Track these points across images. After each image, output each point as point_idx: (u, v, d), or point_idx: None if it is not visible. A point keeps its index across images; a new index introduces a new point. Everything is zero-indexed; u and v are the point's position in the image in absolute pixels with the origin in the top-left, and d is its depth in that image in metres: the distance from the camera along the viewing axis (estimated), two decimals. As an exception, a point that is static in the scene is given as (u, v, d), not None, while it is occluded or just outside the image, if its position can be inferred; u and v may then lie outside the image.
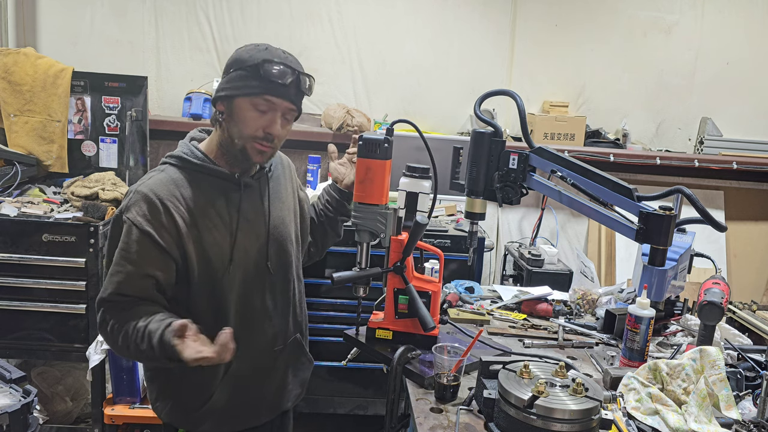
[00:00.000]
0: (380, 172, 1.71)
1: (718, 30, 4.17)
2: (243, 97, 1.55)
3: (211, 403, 1.67)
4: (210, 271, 1.59)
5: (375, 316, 1.90)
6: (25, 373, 1.99)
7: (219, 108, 1.60)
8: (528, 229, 4.06)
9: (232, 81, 1.56)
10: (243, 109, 1.56)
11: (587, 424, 1.35)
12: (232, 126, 1.58)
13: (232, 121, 1.58)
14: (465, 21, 4.04)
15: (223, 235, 1.61)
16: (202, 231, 1.58)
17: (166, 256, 1.55)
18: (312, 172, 3.80)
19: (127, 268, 1.53)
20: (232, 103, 1.57)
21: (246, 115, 1.56)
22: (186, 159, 1.62)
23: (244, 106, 1.56)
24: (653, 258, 1.66)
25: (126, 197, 1.58)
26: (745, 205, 4.29)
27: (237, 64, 1.56)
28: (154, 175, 1.60)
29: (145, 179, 1.60)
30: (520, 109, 1.87)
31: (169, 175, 1.59)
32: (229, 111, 1.58)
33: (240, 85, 1.55)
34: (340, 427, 3.53)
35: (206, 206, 1.59)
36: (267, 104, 1.56)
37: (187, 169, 1.61)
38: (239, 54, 1.58)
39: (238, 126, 1.57)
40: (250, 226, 1.66)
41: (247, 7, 3.90)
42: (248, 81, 1.54)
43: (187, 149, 1.64)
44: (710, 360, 1.55)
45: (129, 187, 1.63)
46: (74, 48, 3.82)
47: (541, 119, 3.97)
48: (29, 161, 3.24)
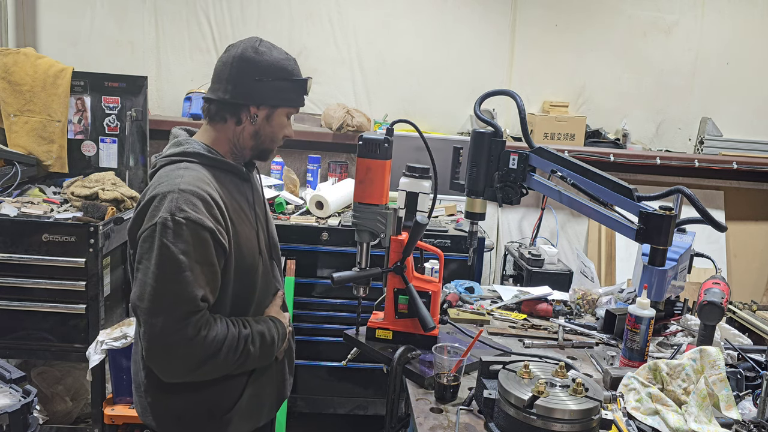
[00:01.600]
0: (380, 172, 1.71)
1: (718, 30, 4.18)
2: (286, 108, 1.65)
3: (239, 404, 1.63)
4: (245, 266, 1.60)
5: (375, 316, 1.90)
6: (25, 373, 1.99)
7: (254, 111, 1.60)
8: (528, 229, 4.06)
9: (278, 90, 1.61)
10: (281, 117, 1.65)
11: (587, 424, 1.35)
12: (267, 130, 1.64)
13: (268, 126, 1.63)
14: (465, 21, 4.04)
15: (249, 229, 1.63)
16: (237, 225, 1.58)
17: (221, 253, 1.51)
18: (312, 172, 3.80)
19: (202, 269, 1.45)
20: (274, 110, 1.63)
21: (282, 122, 1.65)
22: (207, 156, 1.58)
23: (283, 115, 1.65)
24: (653, 258, 1.66)
25: (162, 200, 1.44)
26: (745, 205, 4.29)
27: (278, 72, 1.60)
28: (183, 173, 1.51)
29: (173, 179, 1.49)
30: (520, 109, 1.87)
31: (200, 172, 1.54)
32: (268, 117, 1.62)
33: (287, 97, 1.63)
34: (340, 427, 3.53)
35: (232, 201, 1.59)
36: (295, 112, 1.69)
37: (208, 165, 1.58)
38: (276, 60, 1.60)
39: (275, 131, 1.65)
40: (258, 220, 1.69)
41: (247, 7, 3.90)
42: (293, 93, 1.64)
43: (200, 146, 1.59)
44: (710, 360, 1.55)
45: (154, 191, 1.47)
46: (74, 48, 3.82)
47: (541, 119, 3.97)
48: (29, 161, 3.24)
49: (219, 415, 1.61)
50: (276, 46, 1.64)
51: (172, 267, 1.41)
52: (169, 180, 1.49)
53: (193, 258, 1.43)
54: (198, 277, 1.43)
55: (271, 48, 1.62)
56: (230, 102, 1.58)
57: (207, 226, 1.45)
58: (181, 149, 1.58)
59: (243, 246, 1.58)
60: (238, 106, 1.59)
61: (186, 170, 1.52)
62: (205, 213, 1.46)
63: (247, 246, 1.60)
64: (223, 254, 1.52)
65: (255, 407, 1.69)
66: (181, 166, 1.53)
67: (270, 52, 1.60)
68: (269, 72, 1.58)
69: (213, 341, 1.45)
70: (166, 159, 1.58)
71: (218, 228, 1.48)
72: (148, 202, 1.47)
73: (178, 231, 1.41)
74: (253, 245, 1.63)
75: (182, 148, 1.58)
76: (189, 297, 1.42)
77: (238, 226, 1.58)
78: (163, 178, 1.50)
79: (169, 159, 1.57)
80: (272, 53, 1.60)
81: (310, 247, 3.19)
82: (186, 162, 1.55)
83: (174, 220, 1.42)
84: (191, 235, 1.43)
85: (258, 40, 1.62)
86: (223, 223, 1.51)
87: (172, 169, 1.53)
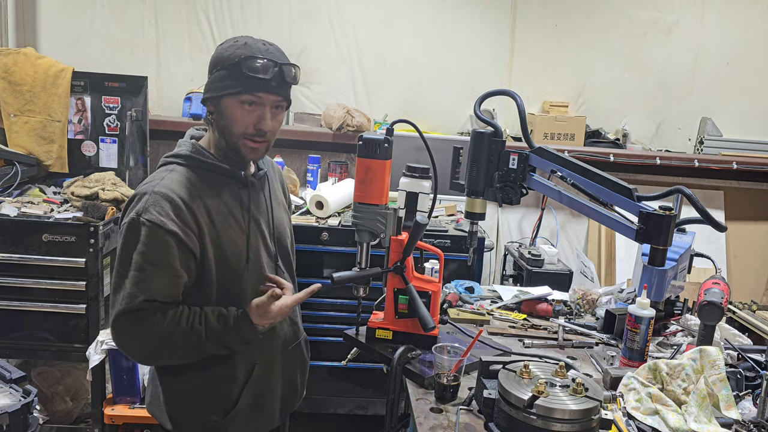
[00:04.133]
0: (380, 172, 1.71)
1: (717, 30, 4.17)
2: (229, 96, 1.55)
3: (235, 411, 1.63)
4: (228, 271, 1.59)
5: (375, 316, 1.90)
6: (25, 373, 2.00)
7: (209, 108, 1.60)
8: (528, 229, 4.06)
9: (216, 81, 1.56)
10: (231, 107, 1.56)
11: (587, 424, 1.35)
12: (223, 125, 1.58)
13: (222, 120, 1.58)
14: (465, 21, 4.04)
15: (238, 234, 1.60)
16: (220, 230, 1.57)
17: (190, 256, 1.52)
18: (312, 172, 3.80)
19: (156, 271, 1.48)
20: (219, 103, 1.56)
21: (235, 113, 1.56)
22: (195, 158, 1.59)
23: (232, 105, 1.56)
24: (653, 258, 1.66)
25: (137, 201, 1.51)
26: (744, 205, 4.29)
27: (219, 63, 1.55)
28: (165, 175, 1.56)
29: (155, 180, 1.55)
30: (520, 109, 1.87)
31: (182, 175, 1.57)
32: (218, 111, 1.58)
33: (224, 84, 1.54)
34: (340, 427, 3.53)
35: (220, 205, 1.58)
36: (254, 100, 1.56)
37: (197, 168, 1.59)
38: (220, 52, 1.57)
39: (229, 125, 1.57)
40: (257, 226, 1.66)
41: (247, 7, 3.90)
42: (231, 80, 1.54)
43: (192, 148, 1.61)
44: (710, 360, 1.55)
45: (136, 190, 1.54)
46: (74, 48, 3.82)
47: (541, 119, 3.97)
48: (29, 161, 3.24)
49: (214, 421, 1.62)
50: (252, 39, 1.58)
51: (125, 265, 1.49)
52: (152, 181, 1.55)
53: (149, 259, 1.47)
54: (149, 278, 1.47)
55: (236, 42, 1.56)
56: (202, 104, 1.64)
57: (169, 229, 1.47)
58: (175, 151, 1.63)
59: (226, 250, 1.57)
60: (205, 110, 1.62)
61: (170, 172, 1.57)
62: (171, 216, 1.48)
63: (231, 250, 1.58)
64: (193, 257, 1.53)
65: (255, 415, 1.68)
66: (168, 168, 1.59)
67: (228, 45, 1.56)
68: (214, 65, 1.57)
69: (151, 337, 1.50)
70: (163, 160, 1.64)
71: (185, 231, 1.50)
72: (130, 199, 1.55)
73: (138, 232, 1.47)
74: (240, 250, 1.60)
75: (175, 150, 1.63)
76: (140, 296, 1.47)
77: (221, 230, 1.57)
78: (149, 179, 1.57)
79: (164, 160, 1.63)
80: (222, 45, 1.58)
81: (310, 247, 3.19)
82: (174, 164, 1.60)
83: (138, 221, 1.48)
84: (150, 237, 1.47)
85: (239, 37, 1.59)
86: (194, 227, 1.52)
87: (160, 171, 1.59)
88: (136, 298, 1.47)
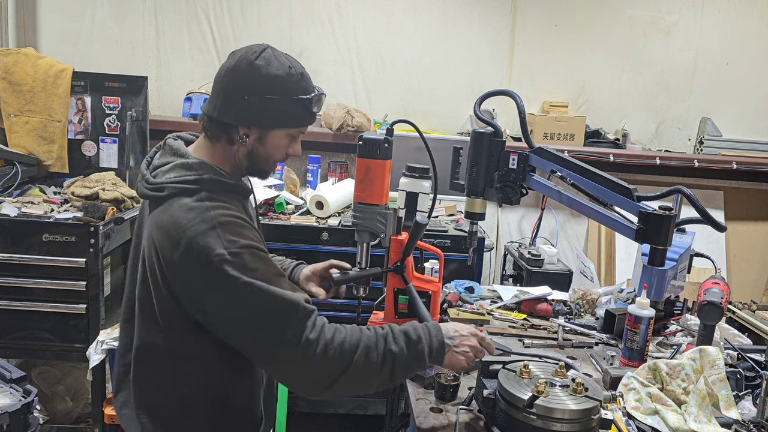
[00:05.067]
0: (380, 172, 1.71)
1: (717, 30, 4.18)
2: (284, 129, 1.45)
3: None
4: None
5: (375, 316, 1.90)
6: (26, 373, 1.99)
7: (244, 131, 1.43)
8: (528, 229, 4.06)
9: (272, 110, 1.41)
10: (278, 138, 1.46)
11: (587, 424, 1.35)
12: (261, 152, 1.46)
13: (261, 148, 1.46)
14: (465, 21, 4.04)
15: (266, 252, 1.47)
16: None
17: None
18: (312, 172, 3.80)
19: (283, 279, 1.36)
20: (266, 131, 1.44)
21: (280, 143, 1.47)
22: (223, 182, 1.42)
23: (280, 136, 1.46)
24: (653, 258, 1.66)
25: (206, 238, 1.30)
26: (744, 205, 4.29)
27: (274, 90, 1.40)
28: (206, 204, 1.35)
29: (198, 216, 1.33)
30: (520, 109, 1.87)
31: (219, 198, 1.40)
32: (260, 137, 1.44)
33: (283, 118, 1.43)
34: (340, 427, 3.53)
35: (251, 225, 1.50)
36: (299, 132, 1.50)
37: (220, 191, 1.42)
38: (273, 78, 1.40)
39: (271, 153, 1.47)
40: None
41: (247, 7, 3.90)
42: (291, 112, 1.44)
43: (211, 171, 1.42)
44: (710, 360, 1.55)
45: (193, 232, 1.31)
46: (74, 48, 3.82)
47: (540, 119, 3.98)
48: (29, 161, 3.24)
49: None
50: (280, 56, 1.44)
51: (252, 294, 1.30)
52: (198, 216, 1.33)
53: (271, 272, 1.34)
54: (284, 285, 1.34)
55: (270, 60, 1.41)
56: (217, 119, 1.43)
57: (262, 248, 1.37)
58: (195, 175, 1.39)
59: None
60: (227, 125, 1.43)
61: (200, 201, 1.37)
62: (251, 236, 1.37)
63: None
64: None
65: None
66: (197, 198, 1.37)
67: (267, 66, 1.40)
68: (261, 89, 1.39)
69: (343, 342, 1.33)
70: (179, 187, 1.38)
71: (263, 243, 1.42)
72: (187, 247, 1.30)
73: (242, 264, 1.30)
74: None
75: (195, 174, 1.40)
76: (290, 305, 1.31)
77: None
78: (190, 215, 1.33)
79: (182, 188, 1.38)
80: (269, 67, 1.40)
81: (310, 247, 3.19)
82: (198, 190, 1.39)
83: (233, 253, 1.30)
84: (254, 259, 1.32)
85: (260, 49, 1.42)
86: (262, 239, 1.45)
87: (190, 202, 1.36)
88: (298, 303, 1.32)
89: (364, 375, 1.35)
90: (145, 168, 1.49)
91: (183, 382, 1.44)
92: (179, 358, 1.42)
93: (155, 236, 1.37)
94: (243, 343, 1.34)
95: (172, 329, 1.40)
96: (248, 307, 1.30)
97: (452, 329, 1.49)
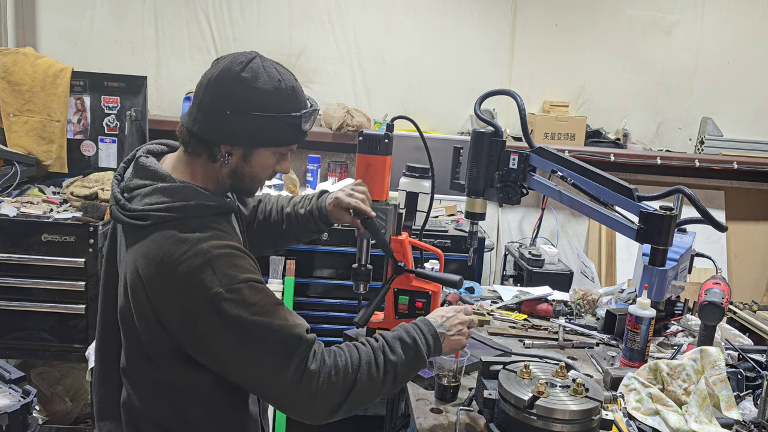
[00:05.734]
0: (380, 168, 1.70)
1: (718, 30, 4.17)
2: (270, 147, 1.35)
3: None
4: None
5: (375, 317, 1.89)
6: (25, 373, 1.99)
7: (226, 149, 1.32)
8: (528, 229, 4.06)
9: (258, 129, 1.30)
10: (265, 157, 1.36)
11: (587, 425, 1.35)
12: (246, 170, 1.36)
13: (246, 167, 1.35)
14: (465, 21, 4.03)
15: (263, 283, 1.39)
16: None
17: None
18: (312, 172, 3.80)
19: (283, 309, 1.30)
20: (252, 150, 1.34)
21: (267, 162, 1.37)
22: (208, 206, 1.33)
23: (267, 155, 1.36)
24: (654, 258, 1.66)
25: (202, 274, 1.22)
26: (745, 205, 4.28)
27: (261, 107, 1.29)
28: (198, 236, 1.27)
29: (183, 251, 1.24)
30: (521, 109, 1.87)
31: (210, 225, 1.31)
32: (245, 156, 1.34)
33: (270, 137, 1.33)
34: (340, 428, 3.52)
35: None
36: (288, 150, 1.40)
37: (209, 215, 1.33)
38: (261, 93, 1.29)
39: (257, 173, 1.38)
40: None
41: (247, 7, 3.90)
42: (279, 131, 1.33)
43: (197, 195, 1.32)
44: (711, 360, 1.55)
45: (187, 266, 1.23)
46: (74, 48, 3.82)
47: (541, 119, 3.97)
48: (29, 161, 3.24)
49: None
50: (269, 67, 1.32)
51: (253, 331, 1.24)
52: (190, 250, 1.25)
53: (270, 303, 1.28)
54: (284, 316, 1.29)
55: (258, 73, 1.29)
56: (197, 135, 1.31)
57: (259, 279, 1.30)
58: (180, 204, 1.29)
59: None
60: (208, 142, 1.32)
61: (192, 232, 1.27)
62: (247, 267, 1.29)
63: None
64: None
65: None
66: (192, 227, 1.28)
67: (254, 79, 1.28)
68: (246, 106, 1.28)
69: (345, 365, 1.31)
70: (164, 216, 1.28)
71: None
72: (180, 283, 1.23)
73: (240, 299, 1.23)
74: None
75: (180, 202, 1.29)
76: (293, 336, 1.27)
77: None
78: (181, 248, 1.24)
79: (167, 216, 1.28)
80: (257, 81, 1.28)
81: (310, 247, 3.18)
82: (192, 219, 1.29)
83: (230, 290, 1.23)
84: (252, 293, 1.26)
85: (247, 59, 1.31)
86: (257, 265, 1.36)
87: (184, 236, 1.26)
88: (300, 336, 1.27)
89: (369, 390, 1.33)
90: (116, 188, 1.36)
91: (179, 410, 1.37)
92: (174, 388, 1.36)
93: (141, 269, 1.26)
94: (245, 380, 1.30)
95: (164, 361, 1.33)
96: (250, 344, 1.25)
97: (438, 316, 1.49)
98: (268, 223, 1.75)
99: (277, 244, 1.81)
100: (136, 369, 1.38)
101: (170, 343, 1.29)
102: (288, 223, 1.75)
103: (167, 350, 1.31)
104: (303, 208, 1.73)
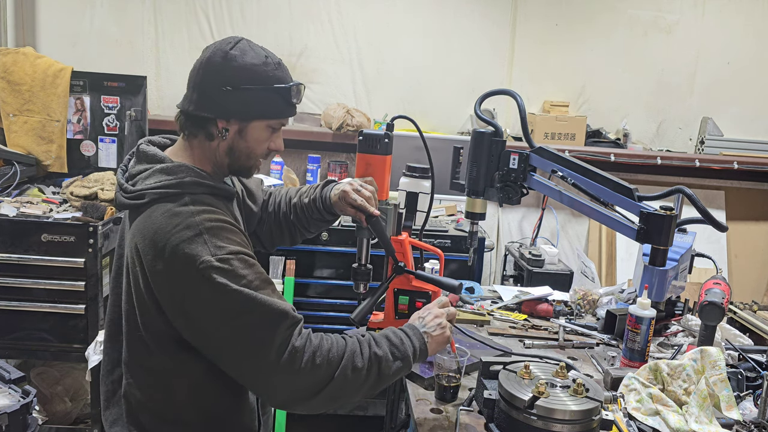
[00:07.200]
0: (380, 167, 1.70)
1: (718, 30, 4.17)
2: (262, 119, 1.42)
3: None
4: None
5: (375, 317, 1.89)
6: (24, 373, 1.99)
7: (222, 125, 1.39)
8: (528, 229, 4.06)
9: (250, 101, 1.38)
10: (258, 130, 1.42)
11: (588, 425, 1.35)
12: (242, 147, 1.43)
13: (242, 142, 1.42)
14: (465, 20, 4.03)
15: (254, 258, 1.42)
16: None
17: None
18: (312, 171, 3.80)
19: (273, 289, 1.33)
20: (246, 124, 1.41)
21: (260, 136, 1.43)
22: (205, 184, 1.38)
23: (260, 128, 1.42)
24: (654, 258, 1.65)
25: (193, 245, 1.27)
26: (746, 205, 4.28)
27: (252, 80, 1.37)
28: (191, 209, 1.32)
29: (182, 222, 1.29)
30: (521, 109, 1.86)
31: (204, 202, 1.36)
32: (240, 131, 1.41)
33: (263, 108, 1.40)
34: (340, 428, 3.53)
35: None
36: (280, 124, 1.46)
37: (204, 193, 1.38)
38: (250, 67, 1.38)
39: (252, 147, 1.43)
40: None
41: (247, 7, 3.90)
42: (270, 102, 1.40)
43: (192, 173, 1.38)
44: (711, 360, 1.55)
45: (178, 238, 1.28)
46: (73, 48, 3.81)
47: (541, 119, 3.97)
48: (28, 161, 3.24)
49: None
50: (256, 47, 1.42)
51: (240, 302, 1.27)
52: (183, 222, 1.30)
53: (255, 284, 1.30)
54: (273, 292, 1.32)
55: (245, 50, 1.39)
56: (194, 114, 1.40)
57: (250, 253, 1.34)
58: (175, 179, 1.36)
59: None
60: (205, 120, 1.40)
61: (184, 206, 1.33)
62: (239, 241, 1.34)
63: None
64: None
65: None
66: (182, 202, 1.34)
67: (243, 55, 1.38)
68: (238, 79, 1.37)
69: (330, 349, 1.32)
70: (160, 192, 1.34)
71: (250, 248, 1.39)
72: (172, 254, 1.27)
73: (228, 268, 1.27)
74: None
75: (176, 178, 1.36)
76: (287, 307, 1.30)
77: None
78: (174, 221, 1.30)
79: (163, 192, 1.34)
80: (245, 57, 1.38)
81: (310, 247, 3.18)
82: (183, 194, 1.35)
83: (220, 259, 1.27)
84: (243, 266, 1.29)
85: (234, 41, 1.41)
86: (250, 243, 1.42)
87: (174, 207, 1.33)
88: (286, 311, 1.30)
89: (352, 381, 1.33)
90: (121, 177, 1.44)
91: (174, 399, 1.40)
92: (168, 375, 1.39)
93: (138, 244, 1.32)
94: (226, 355, 1.30)
95: (158, 346, 1.36)
96: (236, 315, 1.27)
97: (417, 318, 1.51)
98: (279, 215, 1.79)
99: (293, 236, 1.82)
100: (135, 357, 1.41)
101: (163, 323, 1.33)
102: (295, 213, 1.77)
103: (161, 333, 1.35)
104: (308, 197, 1.75)
